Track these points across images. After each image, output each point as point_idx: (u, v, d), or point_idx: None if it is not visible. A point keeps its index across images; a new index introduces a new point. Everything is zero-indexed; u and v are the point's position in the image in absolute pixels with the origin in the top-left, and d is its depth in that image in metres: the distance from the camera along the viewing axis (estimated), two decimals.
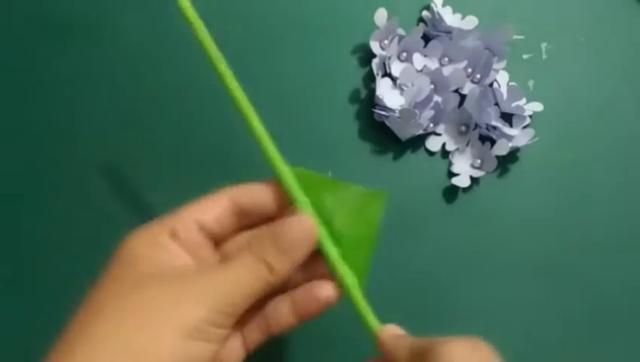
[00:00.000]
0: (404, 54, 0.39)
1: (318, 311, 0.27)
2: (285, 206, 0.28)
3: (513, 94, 0.38)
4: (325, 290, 0.27)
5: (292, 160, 0.37)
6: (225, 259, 0.27)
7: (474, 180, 0.37)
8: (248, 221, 0.28)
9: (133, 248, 0.26)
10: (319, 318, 0.27)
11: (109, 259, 0.26)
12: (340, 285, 0.27)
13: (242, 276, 0.25)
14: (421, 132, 0.38)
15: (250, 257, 0.26)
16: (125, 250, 0.26)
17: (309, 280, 0.28)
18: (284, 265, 0.26)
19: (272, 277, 0.26)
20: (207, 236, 0.27)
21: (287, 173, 0.27)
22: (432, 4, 0.40)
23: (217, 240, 0.28)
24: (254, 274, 0.25)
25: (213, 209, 0.27)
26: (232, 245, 0.28)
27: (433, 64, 0.39)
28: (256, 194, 0.27)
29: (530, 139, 0.37)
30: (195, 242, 0.26)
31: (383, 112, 0.37)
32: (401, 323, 0.28)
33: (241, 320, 0.27)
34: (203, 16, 0.40)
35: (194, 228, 0.26)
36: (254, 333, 0.28)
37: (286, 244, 0.26)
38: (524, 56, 0.41)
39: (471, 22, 0.40)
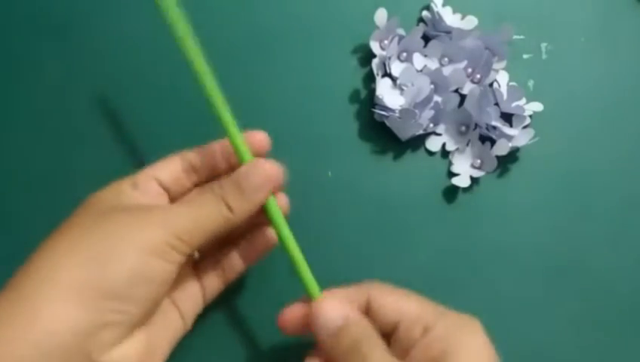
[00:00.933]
0: (404, 54, 0.39)
1: (263, 254, 0.32)
2: (232, 165, 0.30)
3: (513, 94, 0.38)
4: (270, 236, 0.31)
5: (292, 159, 0.37)
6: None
7: (474, 180, 0.37)
8: (198, 178, 0.30)
9: (97, 195, 0.28)
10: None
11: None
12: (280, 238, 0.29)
13: (203, 211, 0.27)
14: (421, 132, 0.38)
15: (212, 196, 0.28)
16: (89, 199, 0.28)
17: (250, 228, 0.31)
18: (243, 206, 0.28)
19: (231, 215, 0.27)
20: (164, 190, 0.30)
21: (235, 132, 0.29)
22: (432, 4, 0.40)
23: (172, 197, 0.30)
24: (215, 210, 0.27)
25: (167, 166, 0.30)
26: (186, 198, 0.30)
27: (433, 64, 0.39)
28: (204, 153, 0.30)
29: (530, 139, 0.37)
30: (154, 192, 0.29)
31: (383, 112, 0.37)
32: None
33: (199, 270, 0.31)
34: (204, 17, 0.41)
35: (152, 182, 0.29)
36: (212, 281, 0.31)
37: (247, 186, 0.28)
38: (524, 56, 0.41)
39: (471, 22, 0.40)
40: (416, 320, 0.26)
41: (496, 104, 0.38)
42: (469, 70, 0.39)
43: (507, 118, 0.38)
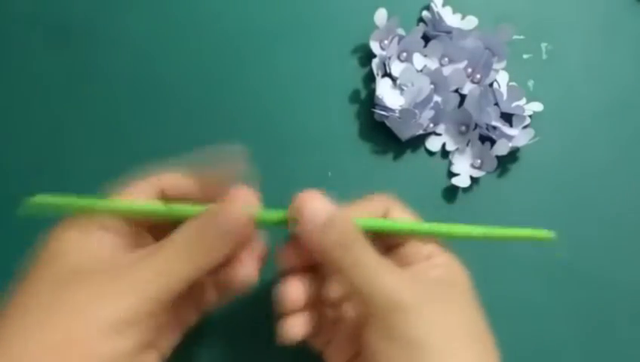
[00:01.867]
0: (404, 54, 0.39)
1: (240, 289, 0.27)
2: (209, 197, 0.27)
3: (513, 94, 0.38)
4: (247, 270, 0.27)
5: (292, 160, 0.37)
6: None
7: (474, 180, 0.37)
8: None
9: (62, 241, 0.25)
10: None
11: (37, 251, 0.25)
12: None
13: (171, 264, 0.24)
14: (421, 132, 0.38)
15: (180, 241, 0.25)
16: (54, 243, 0.25)
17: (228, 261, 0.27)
18: (219, 248, 0.25)
19: (202, 261, 0.25)
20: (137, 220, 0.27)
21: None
22: (432, 4, 0.40)
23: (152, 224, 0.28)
24: (184, 259, 0.24)
25: (138, 196, 0.27)
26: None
27: (433, 64, 0.39)
28: (179, 183, 0.28)
29: (530, 139, 0.37)
30: (125, 230, 0.26)
31: (383, 112, 0.37)
32: None
33: (174, 305, 0.27)
34: (204, 17, 0.41)
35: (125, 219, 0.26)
36: (187, 315, 0.28)
37: (220, 225, 0.25)
38: (524, 56, 0.41)
39: (471, 22, 0.40)
40: (426, 243, 0.28)
41: (496, 104, 0.38)
42: (469, 70, 0.39)
43: (507, 118, 0.38)
